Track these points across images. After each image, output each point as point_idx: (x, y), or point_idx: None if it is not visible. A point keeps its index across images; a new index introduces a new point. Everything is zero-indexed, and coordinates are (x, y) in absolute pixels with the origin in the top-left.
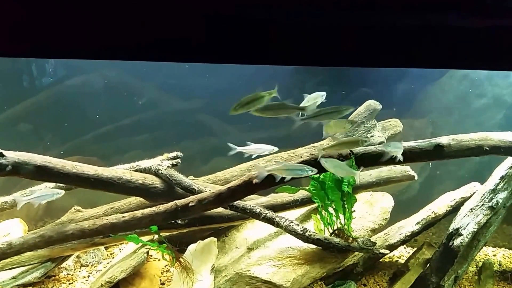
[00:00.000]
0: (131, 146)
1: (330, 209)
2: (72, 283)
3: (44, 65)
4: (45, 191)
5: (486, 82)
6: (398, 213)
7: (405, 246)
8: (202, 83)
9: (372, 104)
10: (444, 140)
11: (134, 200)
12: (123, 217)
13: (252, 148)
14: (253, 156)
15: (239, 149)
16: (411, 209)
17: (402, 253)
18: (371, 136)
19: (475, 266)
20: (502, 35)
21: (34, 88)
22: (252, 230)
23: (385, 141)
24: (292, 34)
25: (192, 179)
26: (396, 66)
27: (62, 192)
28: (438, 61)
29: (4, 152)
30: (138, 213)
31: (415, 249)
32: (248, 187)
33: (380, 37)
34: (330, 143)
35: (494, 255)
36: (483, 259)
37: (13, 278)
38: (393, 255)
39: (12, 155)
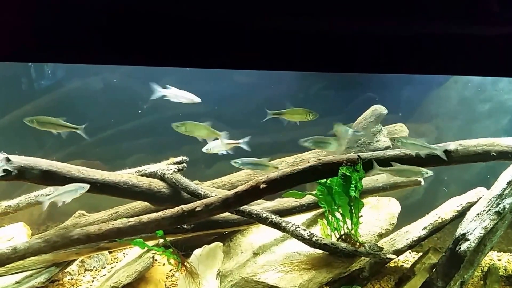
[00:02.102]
0: (135, 150)
1: (337, 214)
2: (76, 287)
3: (44, 68)
4: (68, 187)
5: (490, 87)
6: (403, 217)
7: (410, 250)
8: (207, 88)
9: (378, 109)
10: (451, 145)
11: (139, 204)
12: (129, 221)
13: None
14: None
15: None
16: (416, 213)
17: (407, 258)
18: (377, 141)
19: (480, 271)
20: (506, 42)
21: (35, 92)
22: (257, 234)
23: (391, 146)
24: (298, 40)
25: (197, 184)
26: (401, 72)
27: (87, 186)
28: (442, 67)
29: (10, 157)
30: (144, 217)
31: (420, 253)
32: (255, 192)
33: (386, 43)
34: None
35: (499, 260)
36: (488, 264)
37: (17, 282)
38: (398, 260)
39: (18, 160)
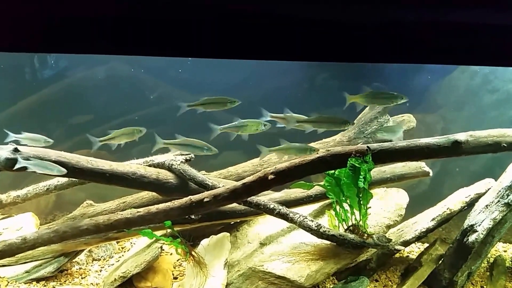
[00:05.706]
0: (140, 140)
1: (345, 205)
2: (84, 277)
3: (47, 58)
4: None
5: (498, 78)
6: (409, 208)
7: None
8: (214, 78)
9: None
10: (461, 136)
11: (146, 194)
12: (138, 212)
13: None
14: None
15: None
16: (422, 204)
17: (412, 249)
18: None
19: (486, 262)
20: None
21: (39, 82)
22: (264, 225)
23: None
24: (303, 29)
25: (204, 174)
26: (406, 62)
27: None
28: (450, 57)
29: (19, 148)
30: (153, 208)
31: (425, 244)
32: (263, 183)
33: (392, 32)
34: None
35: (505, 251)
36: (494, 255)
37: (27, 272)
38: (404, 251)
39: (27, 151)
